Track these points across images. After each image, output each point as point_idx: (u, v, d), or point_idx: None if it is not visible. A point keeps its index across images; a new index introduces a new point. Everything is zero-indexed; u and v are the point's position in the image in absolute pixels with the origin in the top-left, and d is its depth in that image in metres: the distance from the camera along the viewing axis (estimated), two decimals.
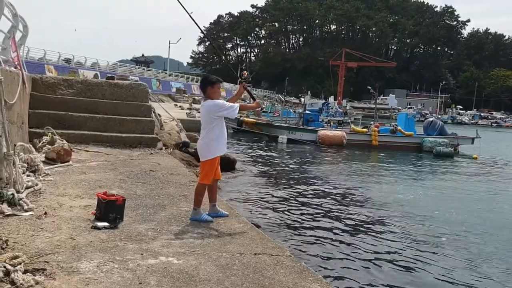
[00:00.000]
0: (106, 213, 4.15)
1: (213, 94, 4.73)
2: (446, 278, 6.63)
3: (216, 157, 4.72)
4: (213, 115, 4.65)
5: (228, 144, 5.01)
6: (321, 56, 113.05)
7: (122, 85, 10.24)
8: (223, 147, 4.79)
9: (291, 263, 3.68)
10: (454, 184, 15.47)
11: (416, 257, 7.39)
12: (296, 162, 18.40)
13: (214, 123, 4.66)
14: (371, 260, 7.09)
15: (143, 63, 75.39)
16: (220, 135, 4.71)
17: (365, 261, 7.03)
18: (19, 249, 3.37)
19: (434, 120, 29.23)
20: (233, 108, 4.67)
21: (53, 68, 34.11)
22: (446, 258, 7.46)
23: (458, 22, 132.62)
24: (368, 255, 7.35)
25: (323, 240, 7.97)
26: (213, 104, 4.66)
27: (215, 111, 4.64)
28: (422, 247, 7.94)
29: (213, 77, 4.87)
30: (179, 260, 3.48)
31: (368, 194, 12.42)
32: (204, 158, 4.71)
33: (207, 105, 4.70)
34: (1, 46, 6.97)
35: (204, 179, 4.72)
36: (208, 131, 4.68)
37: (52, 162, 6.70)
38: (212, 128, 4.66)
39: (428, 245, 8.08)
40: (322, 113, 35.83)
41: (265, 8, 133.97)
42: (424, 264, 7.11)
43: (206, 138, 4.70)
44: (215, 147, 4.69)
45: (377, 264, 6.98)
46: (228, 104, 4.71)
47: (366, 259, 7.14)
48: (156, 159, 8.17)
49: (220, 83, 4.83)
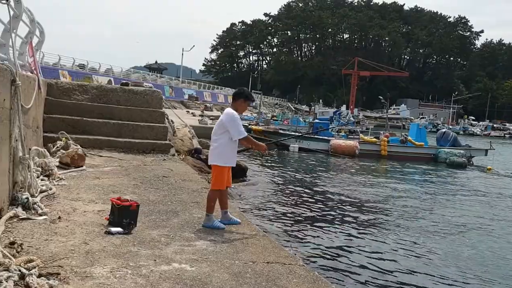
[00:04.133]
0: (120, 218, 4.16)
1: (239, 106, 4.84)
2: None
3: (228, 166, 4.75)
4: (225, 123, 4.70)
5: (238, 151, 5.01)
6: (333, 64, 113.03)
7: (136, 92, 10.31)
8: (233, 159, 4.81)
9: (304, 272, 3.65)
10: (471, 195, 15.29)
11: (432, 270, 7.30)
12: (307, 171, 18.33)
13: (224, 130, 4.71)
14: (385, 271, 7.01)
15: (156, 70, 75.96)
16: (230, 145, 4.72)
17: (379, 272, 6.95)
18: (33, 253, 3.39)
19: (446, 131, 28.95)
20: (238, 132, 4.68)
21: (67, 74, 34.50)
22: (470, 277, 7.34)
23: (472, 32, 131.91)
24: (383, 265, 7.27)
25: (336, 249, 7.91)
26: (231, 114, 4.72)
27: (227, 121, 4.69)
28: (437, 260, 7.83)
29: (250, 95, 4.99)
30: (192, 267, 3.47)
31: (381, 204, 12.31)
32: (213, 162, 4.76)
33: (226, 112, 4.78)
34: (19, 51, 7.06)
35: (215, 184, 4.74)
36: (218, 136, 4.73)
37: (66, 166, 6.75)
38: (222, 134, 4.71)
39: (445, 259, 7.96)
40: (333, 122, 35.62)
41: (278, 17, 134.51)
42: (439, 278, 7.02)
43: (217, 143, 4.74)
44: (224, 155, 4.72)
45: (392, 275, 6.90)
46: (240, 126, 4.71)
47: (380, 270, 7.06)
48: (169, 165, 8.20)
49: (251, 102, 4.98)
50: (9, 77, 4.18)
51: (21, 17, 6.14)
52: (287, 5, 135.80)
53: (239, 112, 4.83)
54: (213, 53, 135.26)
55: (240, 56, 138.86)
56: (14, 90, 4.32)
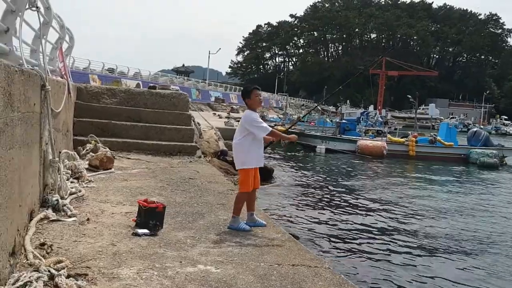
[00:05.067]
0: (147, 220, 4.21)
1: (252, 104, 4.78)
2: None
3: (254, 167, 4.72)
4: (246, 125, 4.68)
5: (264, 153, 4.99)
6: (360, 65, 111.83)
7: (163, 95, 10.43)
8: (257, 160, 4.74)
9: (330, 275, 3.62)
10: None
11: (461, 274, 7.14)
12: (334, 172, 18.19)
13: (245, 133, 4.67)
14: (413, 275, 6.89)
15: (183, 73, 76.71)
16: (252, 146, 4.68)
17: (407, 276, 6.84)
18: (62, 254, 3.45)
19: (478, 131, 28.15)
20: (263, 129, 4.62)
21: (97, 78, 35.20)
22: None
23: (504, 30, 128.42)
24: (410, 269, 7.15)
25: (362, 252, 7.82)
26: (249, 116, 4.69)
27: (248, 122, 4.66)
28: (469, 265, 7.65)
29: (248, 86, 4.92)
30: (217, 268, 3.48)
31: (408, 206, 12.12)
32: (238, 166, 4.76)
33: (245, 115, 4.76)
34: (49, 56, 7.23)
35: (241, 187, 4.74)
36: (240, 139, 4.69)
37: (95, 169, 6.87)
38: (244, 137, 4.67)
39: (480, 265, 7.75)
40: (360, 122, 35.25)
41: (304, 18, 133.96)
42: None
43: (239, 146, 4.71)
44: (247, 158, 4.68)
45: (419, 280, 6.77)
46: (262, 123, 4.67)
47: (408, 274, 6.95)
48: (195, 167, 8.26)
49: (256, 90, 4.81)
50: (39, 82, 4.28)
51: (51, 23, 6.29)
52: (313, 5, 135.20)
53: (256, 106, 4.80)
54: (239, 55, 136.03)
55: (266, 58, 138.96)
56: (44, 94, 4.41)
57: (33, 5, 4.71)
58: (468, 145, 26.13)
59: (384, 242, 8.58)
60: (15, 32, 4.40)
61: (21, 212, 3.54)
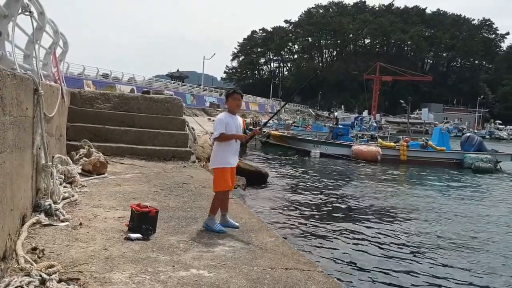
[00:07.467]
0: (139, 224, 4.20)
1: (229, 107, 4.90)
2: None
3: (223, 167, 4.74)
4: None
5: (259, 157, 5.00)
6: (354, 70, 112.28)
7: (157, 99, 10.43)
8: (228, 160, 4.76)
9: (323, 278, 3.62)
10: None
11: (454, 276, 7.16)
12: (327, 177, 18.21)
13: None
14: (406, 279, 6.91)
15: (178, 78, 76.61)
16: (223, 146, 4.75)
17: (398, 279, 6.85)
18: (54, 258, 3.44)
19: (471, 136, 28.31)
20: (216, 132, 4.70)
21: (91, 83, 35.07)
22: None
23: (497, 35, 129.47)
24: (403, 273, 7.16)
25: (355, 256, 7.83)
26: (217, 118, 4.87)
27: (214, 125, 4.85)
28: (460, 271, 7.68)
29: (229, 90, 5.04)
30: (210, 273, 3.47)
31: (401, 210, 12.15)
32: (211, 165, 4.91)
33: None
34: (42, 61, 7.22)
35: (214, 186, 4.80)
36: (215, 140, 4.84)
37: (88, 174, 6.85)
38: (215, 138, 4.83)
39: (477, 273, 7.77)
40: (354, 127, 35.40)
41: (298, 23, 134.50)
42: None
43: (214, 147, 4.91)
44: (218, 158, 4.76)
45: (413, 283, 6.79)
46: (217, 127, 4.71)
47: (399, 276, 6.96)
48: (189, 172, 8.24)
49: (235, 94, 4.86)
50: (32, 86, 4.26)
51: (45, 28, 6.28)
52: (308, 11, 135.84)
53: (232, 109, 4.85)
54: (234, 60, 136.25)
55: (261, 63, 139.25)
56: (37, 99, 4.40)
57: (26, 10, 4.71)
58: (462, 150, 26.26)
59: (377, 245, 8.60)
60: (7, 36, 4.40)
61: (13, 216, 3.52)
